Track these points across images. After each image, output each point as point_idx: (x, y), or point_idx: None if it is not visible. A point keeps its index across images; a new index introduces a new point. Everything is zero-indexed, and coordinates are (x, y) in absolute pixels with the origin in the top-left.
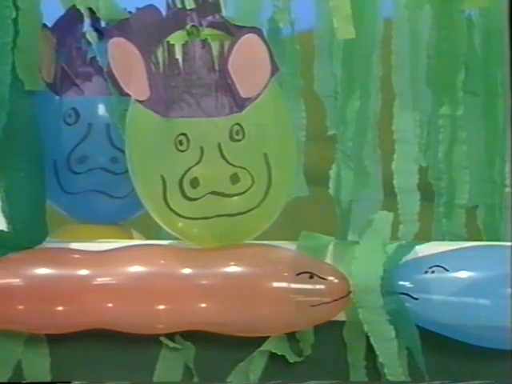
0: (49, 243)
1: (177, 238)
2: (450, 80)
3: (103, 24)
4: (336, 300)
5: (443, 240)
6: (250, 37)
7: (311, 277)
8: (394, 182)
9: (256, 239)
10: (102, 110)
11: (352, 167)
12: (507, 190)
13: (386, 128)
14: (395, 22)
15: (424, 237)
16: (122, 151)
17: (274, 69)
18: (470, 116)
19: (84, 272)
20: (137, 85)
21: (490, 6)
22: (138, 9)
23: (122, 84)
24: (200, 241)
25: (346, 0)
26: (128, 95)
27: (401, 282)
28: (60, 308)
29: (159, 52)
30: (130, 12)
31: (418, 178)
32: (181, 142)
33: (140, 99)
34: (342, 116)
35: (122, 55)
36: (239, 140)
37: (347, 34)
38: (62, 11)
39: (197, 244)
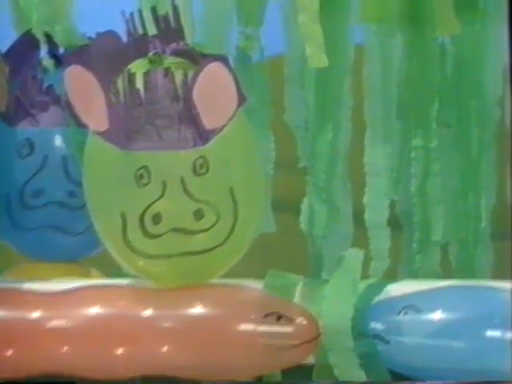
0: (0, 283)
1: (138, 277)
2: (422, 110)
3: (61, 50)
4: (305, 342)
5: (416, 278)
6: (216, 65)
7: (279, 318)
8: (365, 216)
9: (221, 278)
10: (58, 141)
11: (324, 200)
12: (483, 224)
13: (357, 160)
14: (366, 49)
15: (396, 274)
16: (80, 185)
17: (241, 99)
18: (443, 148)
19: (38, 314)
20: (95, 115)
21: (462, 33)
22: (97, 34)
23: (79, 114)
24: (162, 280)
25: (318, 27)
26: (86, 126)
27: (372, 324)
28: (11, 352)
29: (119, 81)
30: (89, 38)
31: (389, 213)
32: (142, 176)
33: (99, 130)
34: (313, 147)
35: (80, 84)
36: (204, 174)
37: (320, 62)
38: (15, 36)
39: (159, 283)
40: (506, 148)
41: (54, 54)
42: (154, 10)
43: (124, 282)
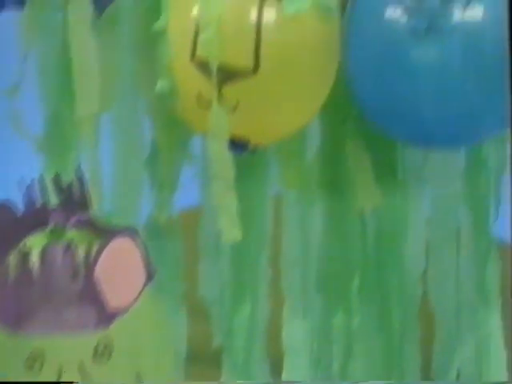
0: None
1: None
2: (343, 285)
3: None
4: None
5: None
6: (123, 239)
7: None
8: None
9: None
10: None
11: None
12: None
13: (275, 337)
14: (285, 218)
15: None
16: None
17: (150, 274)
18: (365, 326)
19: None
20: None
21: (383, 205)
22: None
23: None
24: None
25: (233, 197)
26: None
27: None
28: None
29: (12, 256)
30: None
31: None
32: (34, 363)
33: None
34: (230, 324)
35: None
36: (106, 359)
37: (233, 237)
38: None
39: None
40: (430, 326)
41: None
42: (56, 177)
43: None
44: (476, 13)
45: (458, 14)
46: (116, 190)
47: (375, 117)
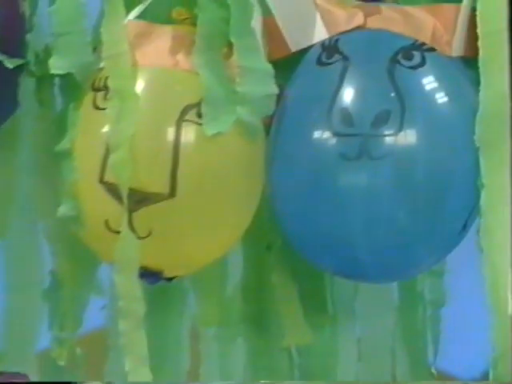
0: None
1: None
2: None
3: None
4: None
5: None
6: None
7: None
8: None
9: None
10: None
11: None
12: None
13: None
14: (203, 357)
15: None
16: None
17: None
18: None
19: None
20: None
21: (312, 340)
22: None
23: None
24: None
25: (142, 338)
26: None
27: None
28: None
29: None
30: None
31: None
32: None
33: None
34: None
35: None
36: None
37: (141, 378)
38: None
39: None
40: None
41: None
42: None
43: None
44: (408, 138)
45: (390, 140)
46: (8, 327)
47: (301, 247)
